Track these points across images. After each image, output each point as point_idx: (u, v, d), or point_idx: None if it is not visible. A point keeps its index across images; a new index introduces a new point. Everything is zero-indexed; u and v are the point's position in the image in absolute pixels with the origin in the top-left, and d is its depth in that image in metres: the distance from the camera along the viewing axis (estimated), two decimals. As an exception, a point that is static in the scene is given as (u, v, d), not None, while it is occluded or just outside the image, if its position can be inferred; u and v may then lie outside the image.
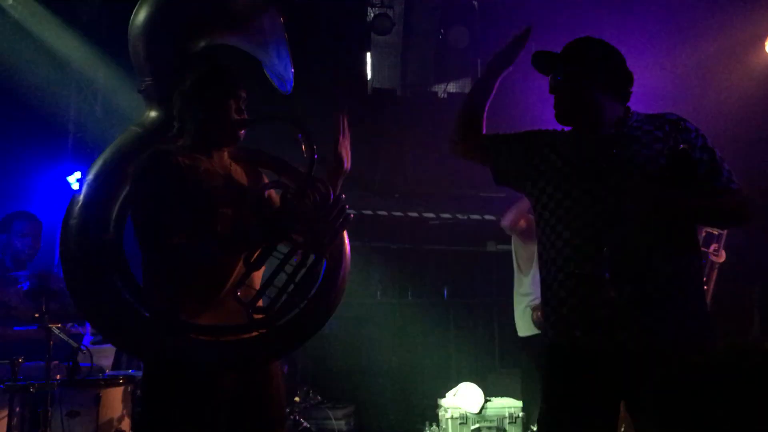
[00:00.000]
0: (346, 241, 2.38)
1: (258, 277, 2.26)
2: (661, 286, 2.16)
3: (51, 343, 3.67)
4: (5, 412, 3.57)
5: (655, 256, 2.17)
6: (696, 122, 2.33)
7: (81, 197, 2.31)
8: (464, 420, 5.28)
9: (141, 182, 2.18)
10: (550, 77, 2.42)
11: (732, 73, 5.77)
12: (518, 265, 4.73)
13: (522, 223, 4.61)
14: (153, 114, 2.40)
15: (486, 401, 5.36)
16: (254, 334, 2.17)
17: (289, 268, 2.17)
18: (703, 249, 3.98)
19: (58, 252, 2.29)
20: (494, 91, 2.57)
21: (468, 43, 6.56)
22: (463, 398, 5.36)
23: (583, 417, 2.21)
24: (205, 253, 2.14)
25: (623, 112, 2.38)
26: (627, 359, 2.16)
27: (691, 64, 5.76)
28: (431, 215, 6.89)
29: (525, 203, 4.22)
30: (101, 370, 4.20)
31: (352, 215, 2.27)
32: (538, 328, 4.29)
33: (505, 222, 4.70)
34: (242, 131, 2.30)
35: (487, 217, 6.68)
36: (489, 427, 5.28)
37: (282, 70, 2.57)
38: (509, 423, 5.29)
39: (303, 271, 2.17)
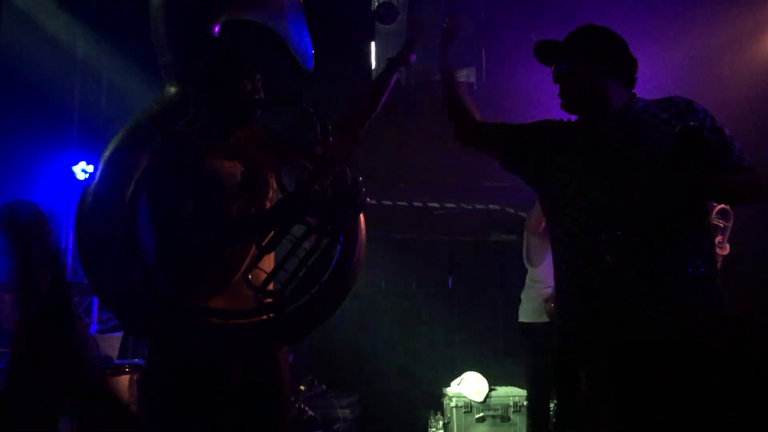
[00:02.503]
0: (362, 225, 2.34)
1: (270, 260, 2.24)
2: (668, 269, 2.15)
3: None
4: (12, 400, 3.59)
5: (663, 237, 2.16)
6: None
7: (96, 177, 2.30)
8: (469, 409, 5.29)
9: (155, 166, 2.18)
10: (553, 67, 2.42)
11: (736, 64, 5.74)
12: (528, 257, 4.72)
13: (545, 224, 4.61)
14: (172, 90, 2.37)
15: (490, 390, 5.36)
16: (264, 318, 2.16)
17: (301, 253, 2.14)
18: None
19: (74, 236, 2.29)
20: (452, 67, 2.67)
21: (473, 31, 6.53)
22: (468, 387, 5.37)
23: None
24: (217, 238, 2.13)
25: (628, 98, 2.37)
26: (635, 346, 2.16)
27: (694, 55, 5.73)
28: (435, 205, 6.89)
29: None
30: (107, 358, 4.22)
31: (368, 200, 2.23)
32: (549, 317, 4.30)
33: (533, 227, 4.64)
34: (258, 113, 2.28)
35: (492, 206, 6.68)
36: (493, 416, 5.29)
37: (303, 47, 2.56)
38: (514, 412, 5.30)
39: (316, 255, 2.14)
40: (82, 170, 5.69)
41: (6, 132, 5.42)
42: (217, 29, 2.45)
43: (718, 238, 4.34)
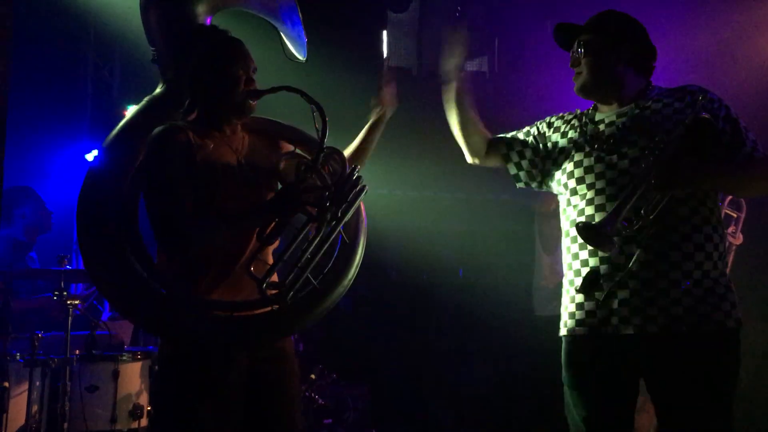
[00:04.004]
0: (363, 214, 2.33)
1: (272, 251, 2.25)
2: (675, 259, 2.14)
3: (70, 318, 3.72)
4: (25, 386, 3.63)
5: (670, 228, 2.15)
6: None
7: (95, 171, 2.31)
8: (477, 399, 5.30)
9: (151, 160, 2.18)
10: (571, 51, 2.40)
11: (750, 55, 5.68)
12: (542, 246, 4.72)
13: (554, 205, 4.60)
14: (167, 85, 2.38)
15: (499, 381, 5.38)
16: (268, 309, 2.16)
17: (303, 242, 2.13)
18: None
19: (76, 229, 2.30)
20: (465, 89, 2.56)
21: (486, 21, 6.50)
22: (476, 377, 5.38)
23: (603, 398, 2.22)
24: (214, 230, 2.13)
25: (644, 86, 2.35)
26: (643, 339, 2.16)
27: (707, 45, 5.68)
28: (446, 194, 6.88)
29: None
30: (120, 345, 4.25)
31: (367, 187, 2.22)
32: None
33: (543, 207, 4.64)
34: (254, 102, 2.27)
35: (503, 196, 6.66)
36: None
37: (296, 36, 2.56)
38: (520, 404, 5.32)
39: (317, 245, 2.13)
40: (94, 158, 5.70)
41: (19, 121, 5.42)
42: (209, 20, 2.44)
43: (731, 228, 4.33)
